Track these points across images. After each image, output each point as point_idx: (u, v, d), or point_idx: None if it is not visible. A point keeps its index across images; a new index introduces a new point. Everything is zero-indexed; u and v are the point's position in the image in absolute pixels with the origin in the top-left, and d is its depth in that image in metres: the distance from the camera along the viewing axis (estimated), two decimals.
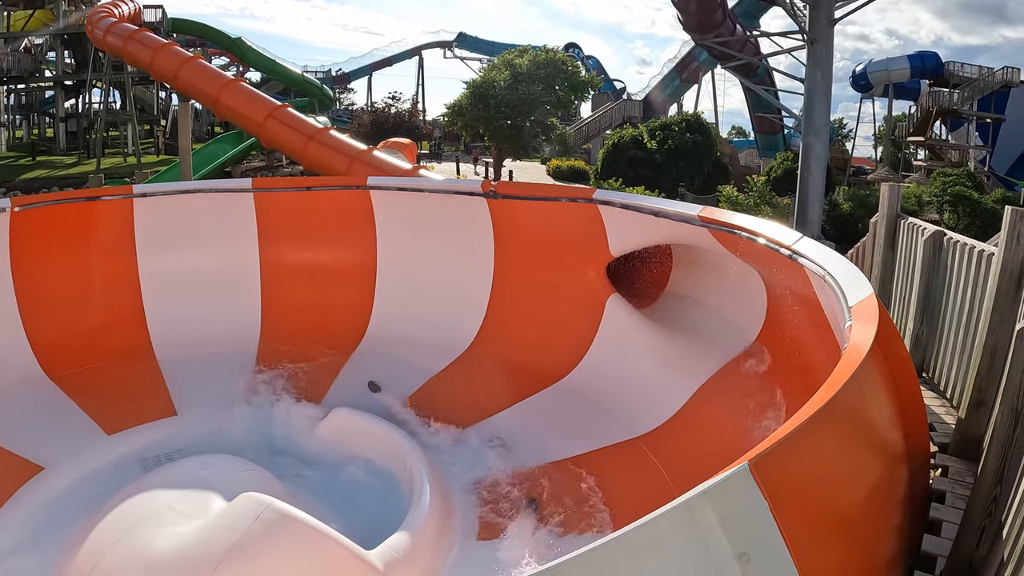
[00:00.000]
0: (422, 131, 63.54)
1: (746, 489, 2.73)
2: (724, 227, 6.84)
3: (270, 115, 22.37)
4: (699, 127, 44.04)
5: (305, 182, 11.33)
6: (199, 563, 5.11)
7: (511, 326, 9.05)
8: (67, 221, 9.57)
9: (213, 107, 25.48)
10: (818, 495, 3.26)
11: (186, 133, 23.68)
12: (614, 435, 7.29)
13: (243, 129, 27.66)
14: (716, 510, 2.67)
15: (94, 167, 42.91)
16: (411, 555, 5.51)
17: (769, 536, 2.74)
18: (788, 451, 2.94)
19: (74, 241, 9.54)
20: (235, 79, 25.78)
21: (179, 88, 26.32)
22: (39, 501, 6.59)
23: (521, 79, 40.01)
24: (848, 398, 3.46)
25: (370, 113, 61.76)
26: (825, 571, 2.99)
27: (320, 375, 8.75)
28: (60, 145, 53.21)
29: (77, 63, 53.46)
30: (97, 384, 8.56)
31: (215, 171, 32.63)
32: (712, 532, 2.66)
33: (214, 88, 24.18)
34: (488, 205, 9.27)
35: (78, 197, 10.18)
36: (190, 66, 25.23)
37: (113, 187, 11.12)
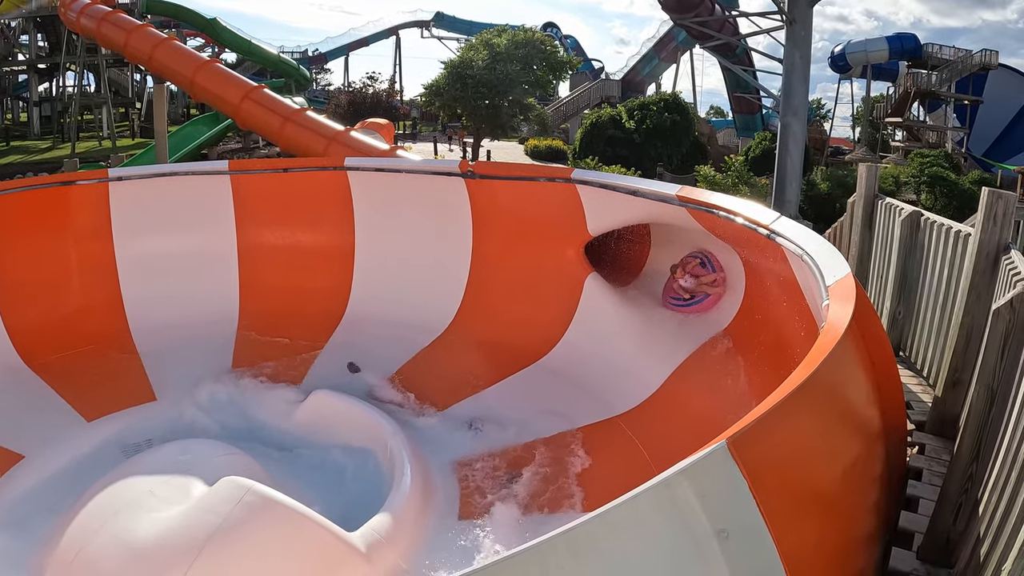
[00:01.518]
0: (399, 112, 63.31)
1: (725, 467, 2.75)
2: (702, 206, 6.87)
3: (246, 96, 22.15)
4: (677, 107, 44.05)
5: (282, 163, 11.25)
6: (182, 548, 5.11)
7: (490, 306, 9.06)
8: (42, 207, 9.48)
9: (188, 89, 25.25)
10: (796, 472, 3.28)
11: (161, 115, 23.51)
12: (594, 414, 7.32)
13: (219, 111, 27.46)
14: (695, 488, 2.69)
15: (69, 151, 42.57)
16: (393, 536, 5.53)
17: (748, 513, 2.77)
18: (766, 429, 2.97)
19: (49, 227, 9.47)
20: (210, 60, 25.52)
21: (154, 70, 25.99)
22: (19, 490, 6.56)
23: (499, 59, 39.81)
24: (826, 376, 3.48)
25: (347, 94, 61.54)
26: (804, 548, 3.02)
27: (299, 357, 8.74)
28: (34, 130, 52.81)
29: (50, 46, 53.02)
30: (76, 371, 8.52)
31: (191, 154, 32.44)
32: (691, 510, 2.69)
33: (189, 69, 23.92)
34: (466, 185, 9.25)
35: (53, 182, 10.09)
36: (164, 47, 24.93)
37: (88, 171, 11.07)
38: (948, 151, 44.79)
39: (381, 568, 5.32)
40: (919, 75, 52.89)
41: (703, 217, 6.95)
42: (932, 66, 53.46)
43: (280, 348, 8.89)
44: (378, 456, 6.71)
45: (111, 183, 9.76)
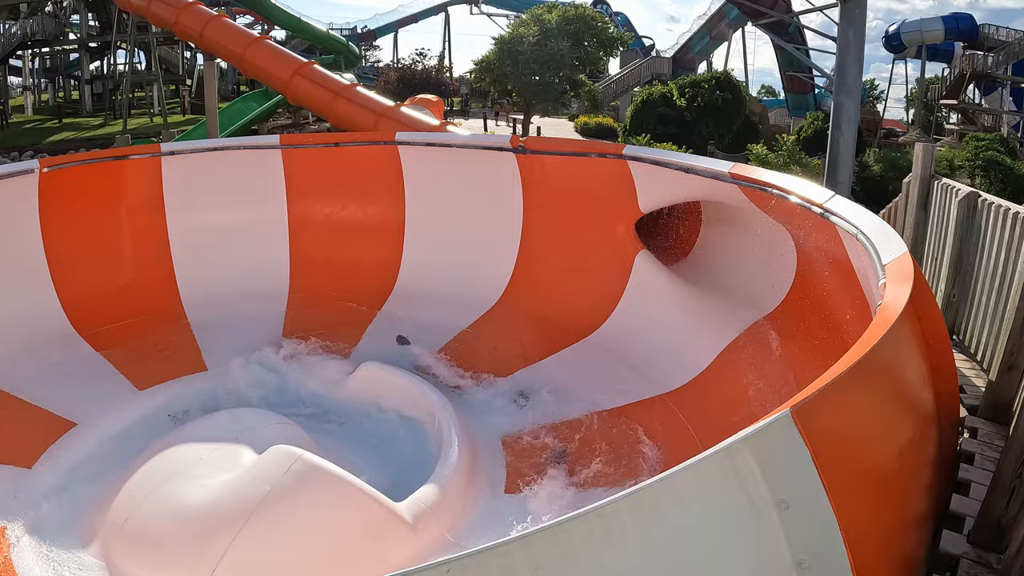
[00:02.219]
0: (449, 88, 63.23)
1: (788, 436, 2.71)
2: (755, 184, 6.77)
3: (296, 72, 22.30)
4: (729, 85, 43.55)
5: (333, 138, 11.28)
6: (230, 514, 5.19)
7: (540, 281, 9.05)
8: (96, 181, 9.63)
9: (239, 65, 25.45)
10: (855, 447, 3.23)
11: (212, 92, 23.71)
12: (641, 391, 7.29)
13: (269, 87, 27.61)
14: (756, 456, 2.65)
15: (120, 128, 43.13)
16: (439, 507, 5.58)
17: (809, 484, 2.72)
18: (829, 400, 2.92)
19: (103, 200, 9.61)
20: (261, 37, 25.72)
21: (204, 47, 26.24)
22: (72, 456, 6.69)
23: (550, 35, 39.57)
24: (883, 354, 3.42)
25: (397, 70, 61.56)
26: (861, 523, 2.97)
27: (349, 330, 8.82)
28: (86, 107, 53.56)
29: (101, 25, 53.58)
30: (128, 341, 8.66)
31: (241, 129, 32.68)
32: (752, 479, 2.65)
33: (240, 46, 24.11)
34: (517, 160, 9.23)
35: (106, 157, 10.20)
36: (215, 25, 25.14)
37: (141, 146, 11.17)
38: (1004, 135, 43.80)
39: (426, 539, 5.37)
40: (975, 57, 51.84)
41: (755, 195, 6.85)
42: (988, 48, 52.32)
43: (330, 321, 8.94)
44: (426, 428, 6.77)
45: (164, 157, 9.87)
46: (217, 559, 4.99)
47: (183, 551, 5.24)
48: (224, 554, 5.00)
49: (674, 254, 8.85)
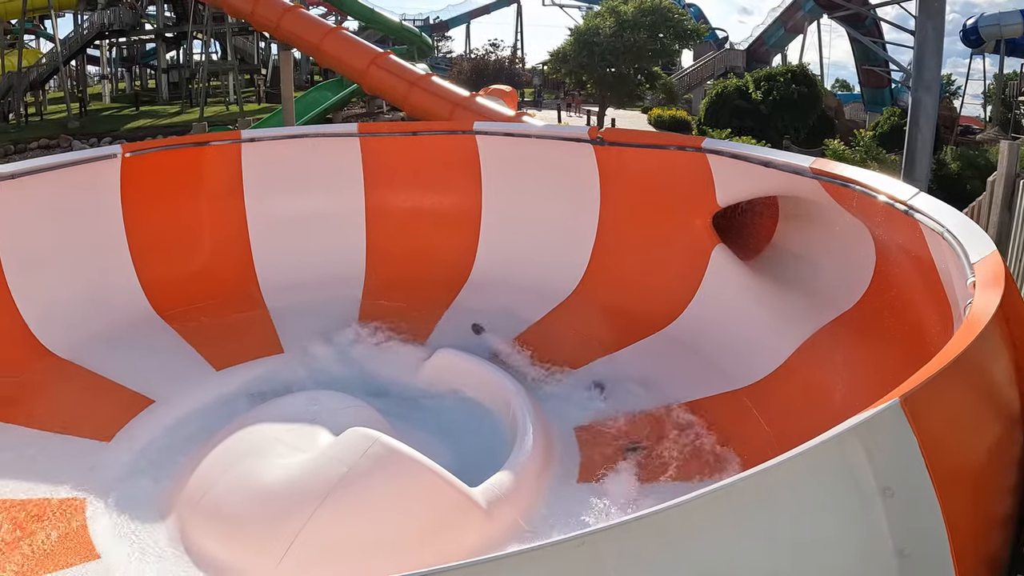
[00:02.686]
0: (522, 79, 63.24)
1: (896, 424, 2.70)
2: (837, 179, 6.65)
3: (372, 62, 22.43)
4: (805, 78, 42.92)
5: (411, 127, 11.37)
6: (307, 495, 5.29)
7: (616, 273, 9.00)
8: (176, 166, 9.82)
9: (315, 55, 25.73)
10: (956, 439, 3.20)
11: (288, 81, 24.04)
12: (716, 385, 7.22)
13: (345, 76, 27.84)
14: (864, 444, 2.64)
15: (197, 115, 43.90)
16: (513, 494, 5.61)
17: (915, 472, 2.70)
18: (934, 391, 2.90)
19: (183, 185, 9.80)
20: (336, 27, 25.94)
21: (280, 37, 26.52)
22: (149, 433, 6.86)
23: (626, 26, 39.37)
24: (978, 352, 3.37)
25: (470, 61, 61.75)
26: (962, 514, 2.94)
27: (424, 317, 8.87)
28: (162, 95, 54.65)
29: (177, 16, 54.54)
30: (206, 322, 8.84)
31: (317, 118, 33.04)
32: (859, 466, 2.64)
33: (316, 36, 24.34)
34: (595, 152, 9.19)
35: (187, 143, 10.41)
36: (291, 15, 25.40)
37: (222, 132, 11.36)
38: None
39: (500, 524, 5.40)
40: None
41: (836, 190, 6.73)
42: None
43: (406, 307, 9.01)
44: (500, 416, 6.80)
45: (243, 144, 10.04)
46: (292, 538, 5.08)
47: (258, 529, 5.35)
48: (299, 533, 5.09)
49: (751, 249, 8.74)
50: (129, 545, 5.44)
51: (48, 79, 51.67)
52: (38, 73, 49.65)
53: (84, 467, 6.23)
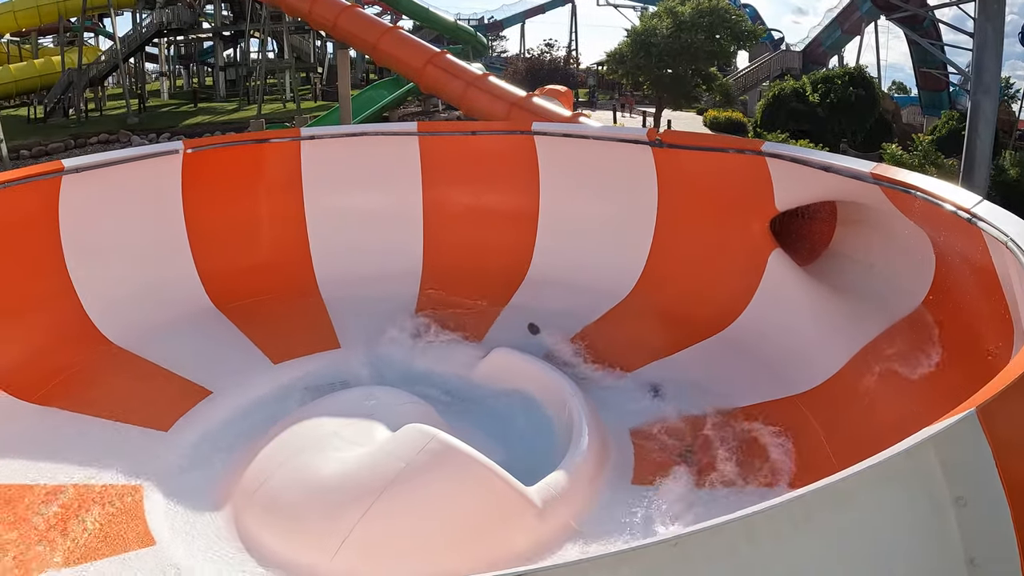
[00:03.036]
0: (577, 79, 63.13)
1: (972, 434, 2.70)
2: (897, 185, 6.55)
3: (429, 61, 22.53)
4: (862, 81, 42.26)
5: (470, 126, 11.42)
6: (363, 489, 5.35)
7: (672, 275, 8.95)
8: (237, 162, 10.01)
9: (372, 54, 25.87)
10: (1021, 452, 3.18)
11: (345, 80, 24.24)
12: (773, 391, 7.15)
13: (402, 75, 27.98)
14: (939, 454, 2.65)
15: (254, 112, 44.45)
16: (568, 494, 5.63)
17: (989, 482, 2.70)
18: (1009, 401, 2.88)
19: (243, 181, 9.98)
20: (393, 27, 26.09)
21: (337, 36, 26.75)
22: (207, 423, 7.02)
23: (683, 27, 39.07)
24: None
25: (525, 61, 61.78)
26: None
27: (481, 316, 8.93)
28: (220, 92, 55.41)
29: (234, 15, 55.24)
30: (264, 316, 8.99)
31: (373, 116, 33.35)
32: (933, 476, 2.65)
33: (373, 35, 24.49)
34: (653, 154, 9.14)
35: (248, 140, 10.59)
36: (348, 15, 25.59)
37: (281, 130, 11.51)
38: None
39: (553, 524, 5.42)
40: None
41: (897, 196, 6.62)
42: None
43: (462, 305, 9.08)
44: (555, 415, 6.81)
45: (303, 141, 10.16)
46: (347, 531, 5.15)
47: (314, 521, 5.41)
48: (354, 527, 5.15)
49: (808, 254, 8.65)
50: (184, 532, 5.57)
51: (107, 76, 52.54)
52: (98, 70, 50.55)
53: (143, 455, 6.37)
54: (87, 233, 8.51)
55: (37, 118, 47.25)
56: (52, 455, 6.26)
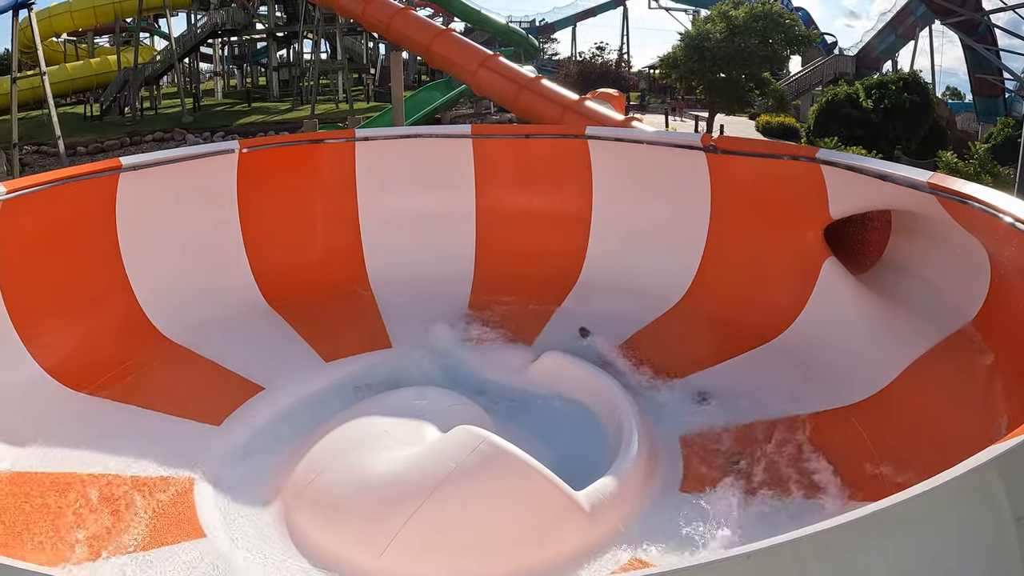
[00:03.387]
0: (628, 82, 62.95)
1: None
2: (955, 196, 6.45)
3: (482, 64, 22.52)
4: (917, 87, 41.69)
5: (524, 130, 11.49)
6: (413, 488, 5.38)
7: (724, 282, 8.90)
8: (291, 162, 10.12)
9: (424, 55, 25.95)
10: None
11: (398, 81, 24.36)
12: (823, 401, 7.05)
13: (454, 77, 28.08)
14: (1002, 474, 2.65)
15: (307, 113, 44.86)
16: (616, 500, 5.62)
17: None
18: None
19: (297, 181, 10.09)
20: (446, 29, 26.15)
21: (390, 38, 26.88)
22: (258, 419, 7.10)
23: (737, 31, 38.83)
24: None
25: (577, 63, 61.74)
26: None
27: (532, 318, 8.94)
28: (273, 92, 56.08)
29: (288, 16, 55.85)
30: (316, 314, 9.08)
31: (425, 117, 33.57)
32: (996, 495, 2.64)
33: (426, 37, 24.57)
34: (707, 159, 9.10)
35: (302, 140, 10.74)
36: (401, 17, 25.68)
37: (336, 131, 11.62)
38: None
39: (602, 529, 5.41)
40: None
41: (954, 207, 6.49)
42: None
43: (513, 308, 9.11)
44: (606, 421, 6.81)
45: (358, 143, 10.27)
46: (396, 530, 5.18)
47: (363, 519, 5.46)
48: (403, 526, 5.18)
49: (861, 262, 8.55)
50: (234, 526, 5.65)
51: (162, 75, 53.45)
52: (153, 69, 51.46)
53: (194, 449, 6.47)
54: (143, 229, 8.68)
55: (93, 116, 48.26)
56: (105, 446, 6.39)
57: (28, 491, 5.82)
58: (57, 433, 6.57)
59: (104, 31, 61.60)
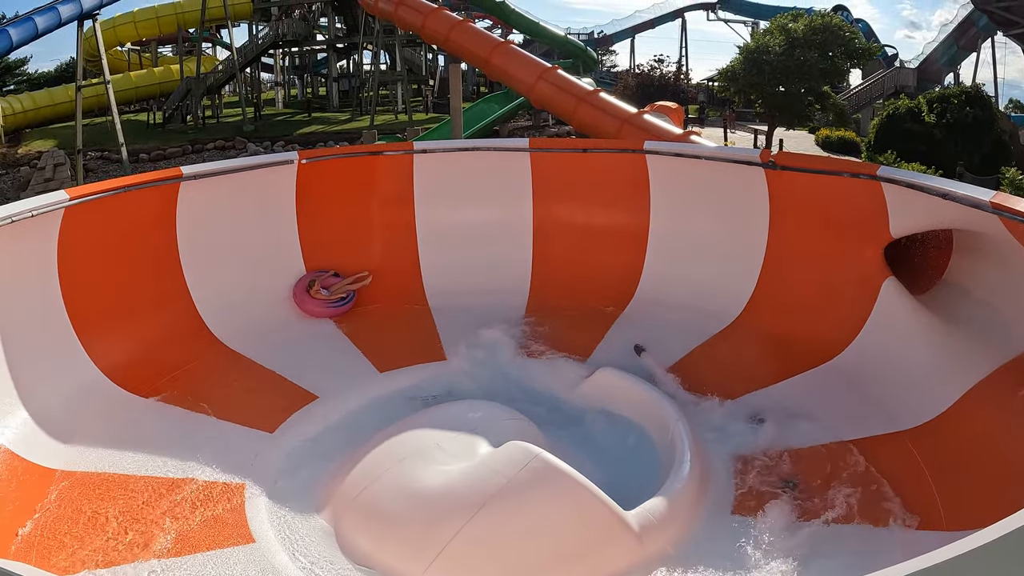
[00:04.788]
0: (687, 95, 62.63)
1: None
2: (1018, 216, 6.30)
3: (541, 76, 22.52)
4: (979, 100, 40.81)
5: (581, 143, 11.47)
6: (464, 502, 5.40)
7: (782, 301, 8.79)
8: (350, 173, 10.28)
9: (483, 67, 26.04)
10: None
11: (457, 92, 24.47)
12: (879, 425, 6.94)
13: (513, 89, 28.10)
14: None
15: (367, 123, 45.44)
16: (666, 520, 5.58)
17: None
18: None
19: (355, 192, 10.24)
20: (505, 42, 26.22)
21: (450, 50, 26.97)
22: (311, 427, 7.17)
23: (797, 44, 38.37)
24: None
25: (635, 76, 61.58)
26: None
27: (587, 333, 8.89)
28: (333, 102, 56.81)
29: (348, 28, 56.51)
30: (372, 325, 9.20)
31: (484, 129, 33.70)
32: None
33: (485, 50, 24.64)
34: (766, 175, 9.01)
35: (361, 152, 10.83)
36: (461, 29, 25.79)
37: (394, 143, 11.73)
38: None
39: (651, 551, 5.37)
40: None
41: (1017, 228, 6.29)
42: None
43: (568, 323, 9.06)
44: (658, 440, 6.75)
45: (416, 155, 10.37)
46: (444, 543, 5.20)
47: (412, 530, 5.50)
48: (452, 539, 5.21)
49: (922, 283, 8.37)
50: (283, 532, 5.72)
51: (224, 85, 54.30)
52: (215, 79, 52.30)
53: (248, 455, 6.57)
54: (203, 237, 8.87)
55: (156, 123, 49.18)
56: (159, 449, 6.52)
57: (81, 491, 5.97)
58: (112, 435, 6.73)
59: (167, 41, 62.81)
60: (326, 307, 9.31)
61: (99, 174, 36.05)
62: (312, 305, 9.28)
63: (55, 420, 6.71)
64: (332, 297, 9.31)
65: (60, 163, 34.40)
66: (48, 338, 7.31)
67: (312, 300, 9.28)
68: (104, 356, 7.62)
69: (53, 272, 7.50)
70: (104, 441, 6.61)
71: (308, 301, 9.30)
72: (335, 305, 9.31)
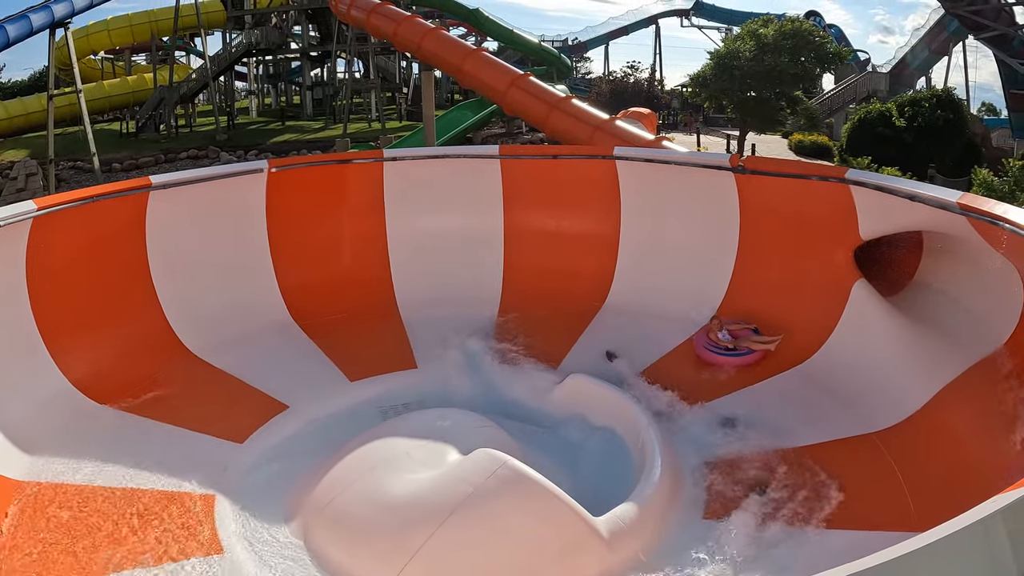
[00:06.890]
0: (661, 101, 62.83)
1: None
2: (985, 216, 6.33)
3: (513, 84, 22.49)
4: (950, 104, 41.12)
5: (551, 150, 11.46)
6: (432, 510, 5.40)
7: (752, 305, 8.81)
8: (320, 182, 10.23)
9: (456, 75, 25.97)
10: None
11: (429, 100, 24.40)
12: (850, 427, 6.97)
13: (486, 97, 28.07)
14: (1008, 527, 2.59)
15: (340, 131, 45.05)
16: (636, 526, 5.58)
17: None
18: None
19: (326, 200, 10.16)
20: (478, 49, 26.18)
21: (422, 58, 26.91)
22: (281, 437, 7.15)
23: (767, 50, 38.54)
24: None
25: (608, 82, 61.74)
26: None
27: (558, 340, 8.88)
28: (307, 111, 56.53)
29: (321, 36, 56.34)
30: (343, 334, 9.11)
31: (457, 137, 33.63)
32: (1000, 549, 2.58)
33: (458, 57, 24.59)
34: (735, 180, 9.02)
35: (331, 160, 10.79)
36: (433, 37, 25.74)
37: (364, 151, 11.67)
38: None
39: (621, 557, 5.38)
40: None
41: (985, 228, 6.37)
42: None
43: (540, 330, 9.03)
44: (628, 445, 6.75)
45: (385, 163, 10.31)
46: (413, 551, 5.20)
47: (382, 539, 5.49)
48: (421, 547, 5.20)
49: (892, 284, 8.40)
50: (253, 542, 5.69)
51: (198, 93, 53.94)
52: (188, 87, 51.90)
53: (217, 465, 6.53)
54: (172, 247, 8.79)
55: (129, 132, 48.77)
56: (128, 460, 6.46)
57: (47, 502, 5.91)
58: (81, 445, 6.66)
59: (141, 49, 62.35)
60: (712, 351, 8.46)
61: (71, 184, 35.69)
62: (701, 343, 8.61)
63: (21, 431, 6.64)
64: (726, 343, 8.45)
65: (32, 173, 34.13)
66: (17, 348, 7.25)
67: (703, 337, 8.65)
68: (72, 366, 7.56)
69: (22, 282, 7.42)
70: (71, 452, 6.54)
71: (700, 337, 8.69)
72: (723, 353, 8.46)
